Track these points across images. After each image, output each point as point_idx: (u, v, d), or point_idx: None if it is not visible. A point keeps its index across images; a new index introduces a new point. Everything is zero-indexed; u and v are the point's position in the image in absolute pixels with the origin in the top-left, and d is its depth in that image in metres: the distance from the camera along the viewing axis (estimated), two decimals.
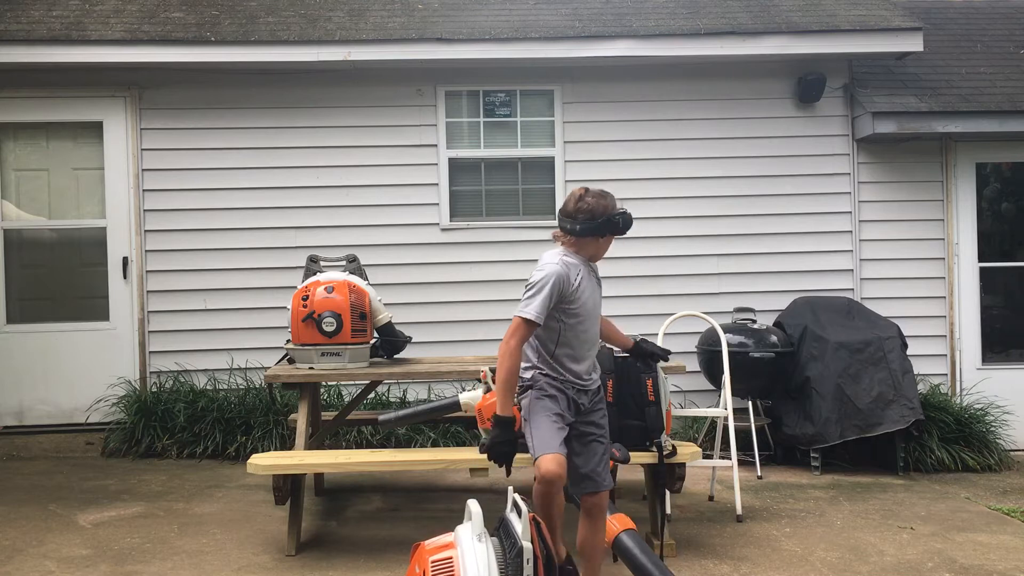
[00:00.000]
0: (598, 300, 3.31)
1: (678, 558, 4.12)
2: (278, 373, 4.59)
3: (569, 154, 6.71)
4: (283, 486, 4.16)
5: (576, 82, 6.72)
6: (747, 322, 6.10)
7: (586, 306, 3.22)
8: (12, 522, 4.69)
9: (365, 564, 4.07)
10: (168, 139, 6.55)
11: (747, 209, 6.76)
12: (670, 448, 4.09)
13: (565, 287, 3.15)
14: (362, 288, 4.70)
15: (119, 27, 6.32)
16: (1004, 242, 6.96)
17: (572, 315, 3.19)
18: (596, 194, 3.22)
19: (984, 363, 6.80)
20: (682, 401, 6.56)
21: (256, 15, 6.57)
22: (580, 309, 3.20)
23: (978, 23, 7.85)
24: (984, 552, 4.29)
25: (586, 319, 3.23)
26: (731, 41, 6.39)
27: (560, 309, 3.16)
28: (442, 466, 4.24)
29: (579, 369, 3.25)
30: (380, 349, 4.90)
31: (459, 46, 6.31)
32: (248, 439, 6.01)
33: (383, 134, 6.64)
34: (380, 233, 6.61)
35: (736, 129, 6.77)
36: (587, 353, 3.29)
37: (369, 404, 6.18)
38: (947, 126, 6.46)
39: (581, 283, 3.19)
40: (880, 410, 5.72)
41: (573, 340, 3.22)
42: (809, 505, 5.13)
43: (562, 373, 3.23)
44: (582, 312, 3.21)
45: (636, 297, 6.63)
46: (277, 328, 6.20)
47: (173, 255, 6.53)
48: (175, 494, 5.24)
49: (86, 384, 6.44)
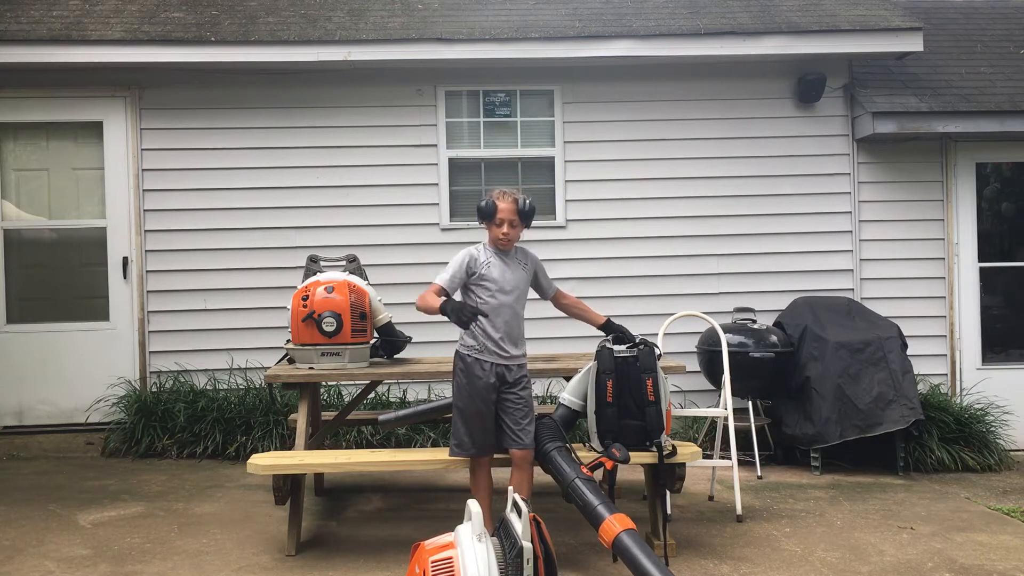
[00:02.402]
0: (514, 281, 4.02)
1: (678, 558, 4.12)
2: (278, 373, 4.59)
3: (569, 154, 6.72)
4: (283, 486, 4.16)
5: (576, 82, 6.72)
6: (747, 322, 6.10)
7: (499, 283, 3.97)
8: (12, 522, 4.69)
9: (365, 564, 4.07)
10: (168, 139, 6.55)
11: (747, 209, 6.76)
12: (670, 448, 4.09)
13: (471, 265, 3.99)
14: (362, 288, 4.70)
15: (119, 27, 6.32)
16: (1004, 242, 6.96)
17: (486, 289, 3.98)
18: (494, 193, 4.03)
19: (984, 363, 6.80)
20: (682, 401, 6.56)
21: (256, 15, 6.58)
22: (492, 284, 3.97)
23: (978, 23, 7.85)
24: (984, 552, 4.29)
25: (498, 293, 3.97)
26: (731, 41, 6.39)
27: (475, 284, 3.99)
28: (442, 466, 4.23)
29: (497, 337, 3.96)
30: (380, 349, 4.90)
31: (459, 46, 6.31)
32: (248, 439, 6.01)
33: (383, 134, 6.65)
34: (380, 233, 6.61)
35: (736, 129, 6.77)
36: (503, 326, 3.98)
37: (369, 404, 6.19)
38: (947, 126, 6.46)
39: (490, 264, 3.99)
40: (880, 410, 5.72)
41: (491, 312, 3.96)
42: (809, 505, 5.13)
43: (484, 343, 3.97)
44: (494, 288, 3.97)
45: (636, 297, 6.64)
46: (277, 328, 6.20)
47: (173, 255, 6.53)
48: (175, 494, 5.24)
49: (86, 384, 6.44)
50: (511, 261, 4.06)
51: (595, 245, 6.71)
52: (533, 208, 4.01)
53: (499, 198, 3.98)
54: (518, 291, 4.04)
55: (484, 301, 3.96)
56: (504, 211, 3.96)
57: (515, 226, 3.99)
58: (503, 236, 3.97)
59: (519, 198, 3.99)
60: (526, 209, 3.97)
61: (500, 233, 3.97)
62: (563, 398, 4.22)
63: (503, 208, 3.96)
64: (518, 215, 3.97)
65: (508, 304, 3.99)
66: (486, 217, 3.99)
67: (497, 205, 3.95)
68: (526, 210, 3.97)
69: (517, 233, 4.02)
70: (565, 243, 6.68)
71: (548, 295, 4.30)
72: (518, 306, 4.05)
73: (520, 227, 4.02)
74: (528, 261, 4.14)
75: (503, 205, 3.96)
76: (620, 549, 3.44)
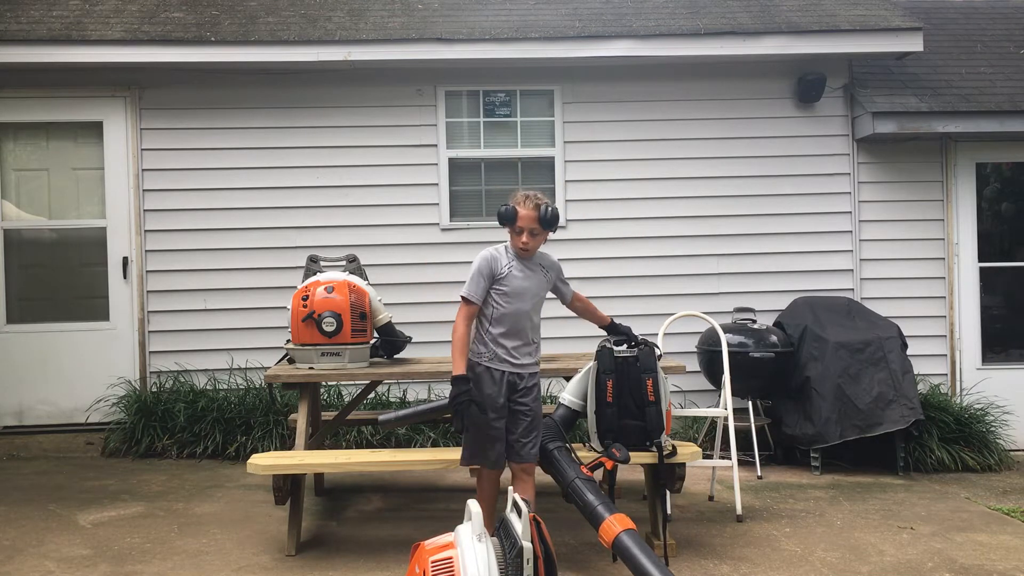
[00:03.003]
0: (534, 289, 3.83)
1: (678, 558, 4.12)
2: (278, 373, 4.59)
3: (569, 154, 6.72)
4: (283, 486, 4.16)
5: (576, 82, 6.72)
6: (747, 322, 6.10)
7: (517, 291, 3.78)
8: (12, 522, 4.69)
9: (365, 564, 4.07)
10: (168, 139, 6.55)
11: (747, 209, 6.76)
12: (670, 448, 4.09)
13: (495, 267, 3.78)
14: (362, 288, 4.70)
15: (119, 27, 6.32)
16: (1004, 242, 6.96)
17: (503, 295, 3.79)
18: (517, 197, 3.80)
19: (984, 363, 6.80)
20: (682, 401, 6.56)
21: (256, 15, 6.58)
22: (510, 291, 3.78)
23: (978, 23, 7.85)
24: (984, 552, 4.29)
25: (515, 300, 3.78)
26: (731, 41, 6.39)
27: (492, 288, 3.79)
28: (442, 466, 4.24)
29: (510, 346, 3.79)
30: (380, 349, 4.90)
31: (459, 46, 6.31)
32: (248, 439, 6.01)
33: (383, 134, 6.65)
34: (380, 233, 6.61)
35: (736, 129, 6.77)
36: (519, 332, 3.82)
37: (369, 404, 6.19)
38: (947, 126, 6.46)
39: (511, 270, 3.79)
40: (880, 410, 5.72)
41: (505, 319, 3.79)
42: (809, 505, 5.13)
43: (495, 351, 3.79)
44: (511, 294, 3.78)
45: (636, 297, 6.64)
46: (277, 328, 6.20)
47: (173, 255, 6.53)
48: (175, 494, 5.24)
49: (86, 384, 6.44)
50: (533, 267, 3.86)
51: (595, 245, 6.71)
52: (556, 215, 3.77)
53: (521, 203, 3.74)
54: (537, 299, 3.87)
55: (500, 307, 3.77)
56: (524, 219, 3.72)
57: (536, 235, 3.76)
58: (523, 245, 3.76)
59: (542, 204, 3.74)
60: (548, 216, 3.73)
61: (520, 242, 3.76)
62: (563, 398, 4.22)
63: (523, 216, 3.72)
64: (539, 222, 3.73)
65: (525, 312, 3.81)
66: (506, 223, 3.77)
67: (518, 212, 3.72)
68: (548, 217, 3.73)
69: (539, 242, 3.82)
70: (565, 243, 6.67)
71: (566, 300, 4.15)
72: (535, 314, 3.87)
73: (543, 235, 3.79)
74: (550, 268, 3.95)
75: (524, 212, 3.72)
76: (620, 549, 3.44)
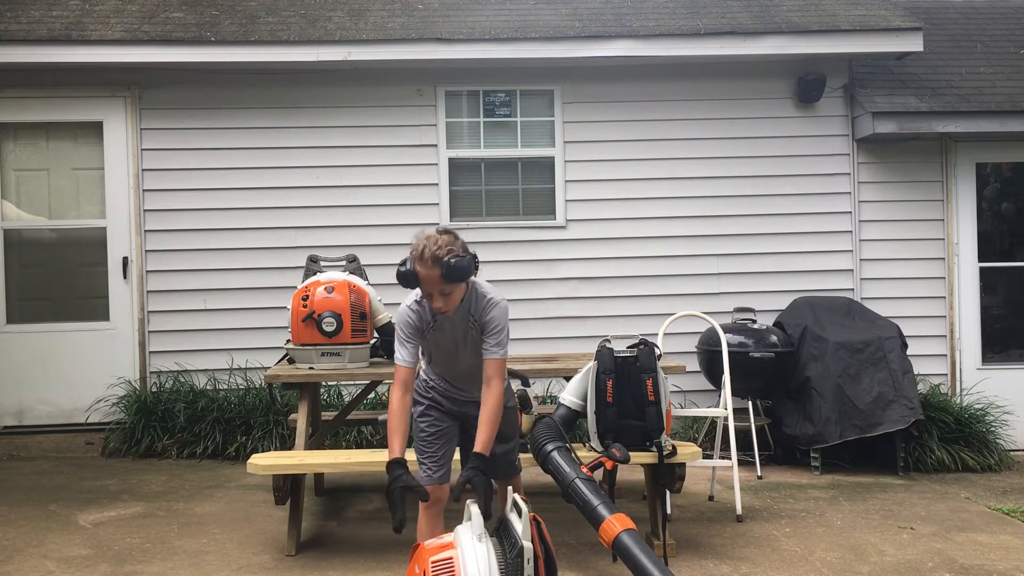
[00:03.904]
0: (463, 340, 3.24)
1: (678, 558, 4.12)
2: (278, 373, 4.59)
3: (569, 154, 6.71)
4: (283, 486, 4.16)
5: (576, 82, 6.72)
6: (747, 322, 6.09)
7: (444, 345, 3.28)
8: (12, 522, 4.69)
9: (365, 564, 4.07)
10: (168, 139, 6.55)
11: (747, 209, 6.76)
12: (670, 448, 4.09)
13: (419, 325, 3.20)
14: (362, 288, 4.70)
15: (119, 27, 6.32)
16: (1004, 242, 6.96)
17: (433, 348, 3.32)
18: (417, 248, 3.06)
19: (984, 363, 6.80)
20: (682, 401, 6.56)
21: (256, 15, 6.57)
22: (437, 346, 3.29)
23: (978, 23, 7.85)
24: (984, 552, 4.29)
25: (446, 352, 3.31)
26: (731, 41, 6.39)
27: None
28: None
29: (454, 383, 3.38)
30: (380, 349, 4.90)
31: (459, 46, 6.31)
32: (248, 439, 6.01)
33: (383, 134, 6.65)
34: (380, 233, 6.60)
35: (736, 129, 6.77)
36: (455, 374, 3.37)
37: (369, 404, 6.18)
38: (947, 126, 6.46)
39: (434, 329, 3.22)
40: (880, 410, 5.72)
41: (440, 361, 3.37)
42: (809, 505, 5.13)
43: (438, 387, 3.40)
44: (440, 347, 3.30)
45: (636, 297, 6.64)
46: (277, 328, 6.20)
47: (173, 255, 6.53)
48: (175, 494, 5.24)
49: (86, 384, 6.44)
50: (458, 320, 3.19)
51: (595, 245, 6.70)
52: (464, 265, 2.98)
53: (419, 259, 2.99)
54: (472, 344, 3.24)
55: (432, 357, 3.35)
56: (427, 281, 3.01)
57: (447, 293, 3.04)
58: (438, 309, 3.09)
59: (443, 258, 2.95)
60: (454, 271, 2.97)
61: (433, 306, 3.09)
62: (563, 398, 4.22)
63: (425, 277, 3.00)
64: (444, 281, 2.99)
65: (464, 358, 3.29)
66: (410, 287, 3.10)
67: (418, 274, 3.01)
68: (455, 272, 2.97)
69: (456, 297, 3.10)
70: (565, 243, 6.68)
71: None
72: (474, 355, 3.23)
73: (457, 289, 3.07)
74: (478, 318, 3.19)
75: (424, 272, 2.99)
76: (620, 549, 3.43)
